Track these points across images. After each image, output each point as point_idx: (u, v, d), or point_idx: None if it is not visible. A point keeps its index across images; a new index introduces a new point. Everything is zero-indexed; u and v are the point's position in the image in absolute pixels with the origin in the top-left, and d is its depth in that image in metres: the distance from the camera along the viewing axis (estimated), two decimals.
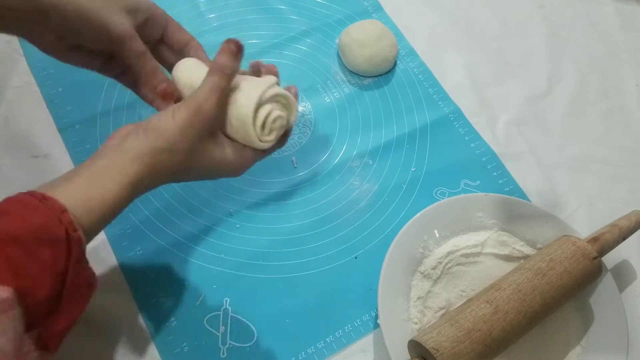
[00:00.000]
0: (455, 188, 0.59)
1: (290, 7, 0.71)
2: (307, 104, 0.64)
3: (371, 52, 0.64)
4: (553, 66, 0.70)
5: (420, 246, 0.52)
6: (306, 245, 0.55)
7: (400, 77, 0.67)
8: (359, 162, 0.60)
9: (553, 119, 0.66)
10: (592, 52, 0.72)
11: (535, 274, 0.47)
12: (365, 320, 0.51)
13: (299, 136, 0.62)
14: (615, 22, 0.75)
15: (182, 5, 0.70)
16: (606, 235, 0.50)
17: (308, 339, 0.50)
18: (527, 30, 0.73)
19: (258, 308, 0.51)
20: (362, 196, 0.58)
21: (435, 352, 0.42)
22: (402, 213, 0.57)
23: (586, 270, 0.48)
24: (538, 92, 0.68)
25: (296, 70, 0.66)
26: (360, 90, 0.66)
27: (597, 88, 0.69)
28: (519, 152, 0.63)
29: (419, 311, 0.49)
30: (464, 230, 0.54)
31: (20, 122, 0.59)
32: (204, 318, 0.50)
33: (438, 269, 0.51)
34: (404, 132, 0.63)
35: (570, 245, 0.49)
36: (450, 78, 0.67)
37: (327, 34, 0.69)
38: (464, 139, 0.63)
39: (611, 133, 0.65)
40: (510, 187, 0.60)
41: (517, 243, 0.54)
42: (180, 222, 0.54)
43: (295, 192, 0.58)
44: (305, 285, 0.53)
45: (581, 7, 0.76)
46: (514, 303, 0.45)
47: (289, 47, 0.68)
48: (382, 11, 0.72)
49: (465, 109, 0.65)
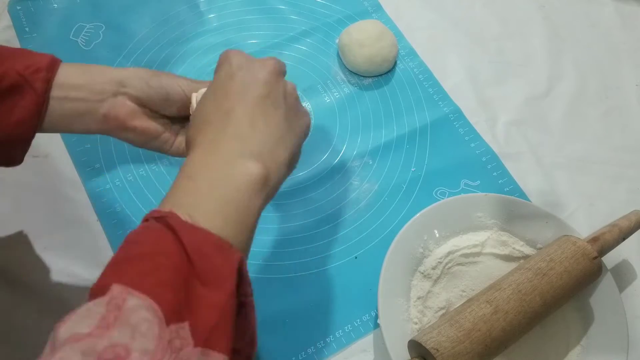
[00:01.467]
0: (455, 188, 0.59)
1: (290, 7, 0.71)
2: (307, 104, 0.64)
3: (371, 52, 0.64)
4: (553, 66, 0.70)
5: (420, 246, 0.52)
6: (306, 245, 0.55)
7: (400, 77, 0.67)
8: (359, 162, 0.60)
9: (553, 119, 0.66)
10: (592, 52, 0.72)
11: (535, 274, 0.47)
12: (365, 320, 0.51)
13: None
14: (615, 22, 0.75)
15: (182, 5, 0.70)
16: (606, 235, 0.50)
17: (308, 339, 0.50)
18: (527, 30, 0.73)
19: (258, 308, 0.51)
20: (362, 196, 0.58)
21: (435, 352, 0.42)
22: (402, 213, 0.57)
23: (586, 270, 0.48)
24: (538, 92, 0.68)
25: (296, 70, 0.66)
26: (360, 90, 0.66)
27: (597, 88, 0.69)
28: (519, 152, 0.63)
29: (419, 311, 0.49)
30: (464, 230, 0.54)
31: None
32: None
33: (438, 269, 0.51)
34: (404, 132, 0.63)
35: (570, 245, 0.49)
36: (450, 78, 0.67)
37: (327, 34, 0.69)
38: (464, 139, 0.63)
39: (611, 133, 0.65)
40: (510, 187, 0.60)
41: (517, 243, 0.54)
42: None
43: (295, 192, 0.58)
44: (305, 285, 0.53)
45: (581, 7, 0.76)
46: (514, 303, 0.45)
47: (289, 47, 0.68)
48: (382, 11, 0.72)
49: (465, 109, 0.65)
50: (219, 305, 0.29)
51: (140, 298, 0.27)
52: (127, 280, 0.28)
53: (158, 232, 0.31)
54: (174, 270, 0.29)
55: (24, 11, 0.68)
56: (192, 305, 0.29)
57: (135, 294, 0.27)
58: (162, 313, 0.27)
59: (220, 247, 0.31)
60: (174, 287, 0.29)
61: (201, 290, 0.29)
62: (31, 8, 0.68)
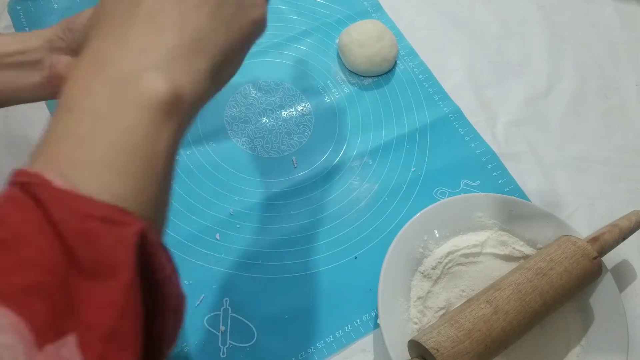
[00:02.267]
0: (455, 188, 0.59)
1: (290, 7, 0.71)
2: (307, 104, 0.64)
3: (371, 52, 0.64)
4: (553, 66, 0.70)
5: (420, 246, 0.52)
6: (306, 245, 0.55)
7: (400, 77, 0.67)
8: (359, 162, 0.60)
9: (553, 119, 0.66)
10: (592, 52, 0.72)
11: (535, 274, 0.47)
12: (365, 320, 0.51)
13: (299, 136, 0.62)
14: (615, 22, 0.75)
15: None
16: (606, 235, 0.50)
17: (308, 339, 0.50)
18: (527, 30, 0.73)
19: (258, 308, 0.51)
20: (362, 196, 0.58)
21: (435, 352, 0.42)
22: (402, 213, 0.57)
23: (586, 270, 0.48)
24: (538, 92, 0.68)
25: (296, 70, 0.66)
26: (360, 90, 0.66)
27: (597, 88, 0.69)
28: (519, 152, 0.63)
29: (419, 311, 0.49)
30: (464, 230, 0.54)
31: (20, 122, 0.59)
32: (204, 318, 0.50)
33: (438, 269, 0.51)
34: (404, 132, 0.63)
35: (570, 245, 0.49)
36: (450, 78, 0.67)
37: (327, 34, 0.69)
38: (464, 139, 0.63)
39: (611, 133, 0.65)
40: (510, 187, 0.60)
41: (517, 243, 0.54)
42: (180, 222, 0.54)
43: (295, 192, 0.58)
44: (305, 285, 0.53)
45: (581, 7, 0.76)
46: (514, 303, 0.45)
47: (289, 47, 0.68)
48: (382, 11, 0.72)
49: (465, 109, 0.65)
50: (113, 303, 0.22)
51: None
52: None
53: (22, 207, 0.22)
54: (44, 269, 0.21)
55: (23, 11, 0.68)
56: (76, 310, 0.21)
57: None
58: (30, 332, 0.20)
59: (109, 220, 0.22)
60: (46, 291, 0.21)
61: (87, 286, 0.21)
62: (31, 8, 0.68)
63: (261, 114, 0.63)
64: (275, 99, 0.64)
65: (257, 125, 0.62)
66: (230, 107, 0.63)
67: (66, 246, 0.21)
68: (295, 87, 0.65)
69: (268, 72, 0.66)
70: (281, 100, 0.64)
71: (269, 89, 0.65)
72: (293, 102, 0.64)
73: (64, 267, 0.21)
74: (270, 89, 0.65)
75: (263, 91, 0.65)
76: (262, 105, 0.64)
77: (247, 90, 0.64)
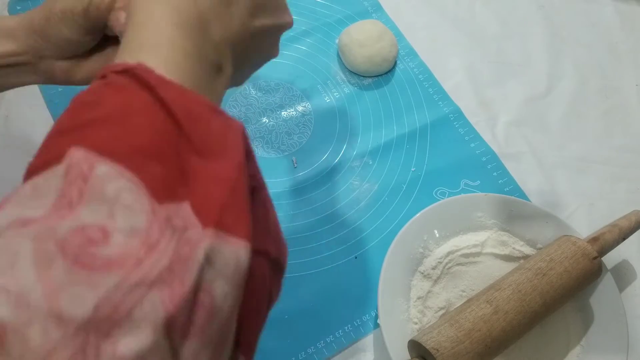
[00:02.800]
0: (455, 188, 0.59)
1: (290, 7, 0.71)
2: (307, 104, 0.64)
3: (371, 52, 0.64)
4: (553, 66, 0.70)
5: (420, 246, 0.52)
6: (306, 245, 0.55)
7: (400, 77, 0.67)
8: (359, 162, 0.60)
9: (553, 119, 0.66)
10: (592, 52, 0.72)
11: (535, 274, 0.47)
12: (365, 320, 0.51)
13: (299, 136, 0.62)
14: (615, 22, 0.75)
15: None
16: (606, 235, 0.50)
17: (308, 339, 0.50)
18: (527, 30, 0.73)
19: None
20: (362, 196, 0.58)
21: (435, 352, 0.42)
22: (402, 213, 0.57)
23: (586, 270, 0.48)
24: (538, 92, 0.68)
25: (296, 70, 0.66)
26: (360, 90, 0.66)
27: (597, 88, 0.69)
28: (519, 152, 0.63)
29: (419, 311, 0.49)
30: (464, 230, 0.54)
31: (20, 122, 0.59)
32: None
33: (438, 269, 0.51)
34: (404, 132, 0.63)
35: (570, 245, 0.49)
36: (450, 78, 0.67)
37: (327, 34, 0.69)
38: (464, 139, 0.63)
39: (611, 133, 0.65)
40: (510, 187, 0.60)
41: (517, 243, 0.54)
42: None
43: (295, 192, 0.58)
44: (305, 285, 0.53)
45: (581, 7, 0.76)
46: (514, 303, 0.45)
47: (289, 47, 0.68)
48: (382, 11, 0.72)
49: (465, 109, 0.65)
50: (226, 179, 0.21)
51: (115, 168, 0.19)
52: (90, 144, 0.20)
53: (125, 89, 0.22)
54: (157, 135, 0.21)
55: (24, 11, 0.67)
56: (189, 181, 0.21)
57: (108, 162, 0.19)
58: (147, 190, 0.19)
59: (214, 109, 0.23)
60: (159, 156, 0.20)
61: (199, 161, 0.21)
62: (31, 8, 0.68)
63: (261, 113, 0.63)
64: (275, 99, 0.64)
65: (257, 125, 0.62)
66: (230, 107, 0.63)
67: (177, 121, 0.21)
68: (295, 87, 0.65)
69: (268, 72, 0.66)
70: (281, 100, 0.64)
71: (269, 89, 0.65)
72: (293, 102, 0.64)
73: (175, 137, 0.21)
74: (270, 89, 0.65)
75: (263, 91, 0.65)
76: (262, 105, 0.64)
77: (247, 90, 0.64)
